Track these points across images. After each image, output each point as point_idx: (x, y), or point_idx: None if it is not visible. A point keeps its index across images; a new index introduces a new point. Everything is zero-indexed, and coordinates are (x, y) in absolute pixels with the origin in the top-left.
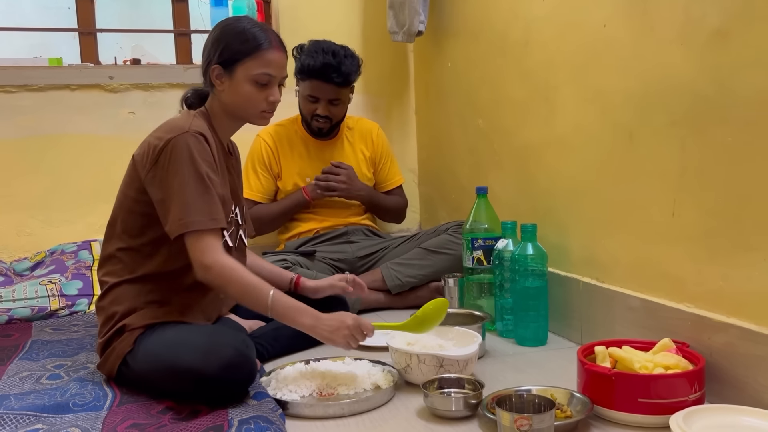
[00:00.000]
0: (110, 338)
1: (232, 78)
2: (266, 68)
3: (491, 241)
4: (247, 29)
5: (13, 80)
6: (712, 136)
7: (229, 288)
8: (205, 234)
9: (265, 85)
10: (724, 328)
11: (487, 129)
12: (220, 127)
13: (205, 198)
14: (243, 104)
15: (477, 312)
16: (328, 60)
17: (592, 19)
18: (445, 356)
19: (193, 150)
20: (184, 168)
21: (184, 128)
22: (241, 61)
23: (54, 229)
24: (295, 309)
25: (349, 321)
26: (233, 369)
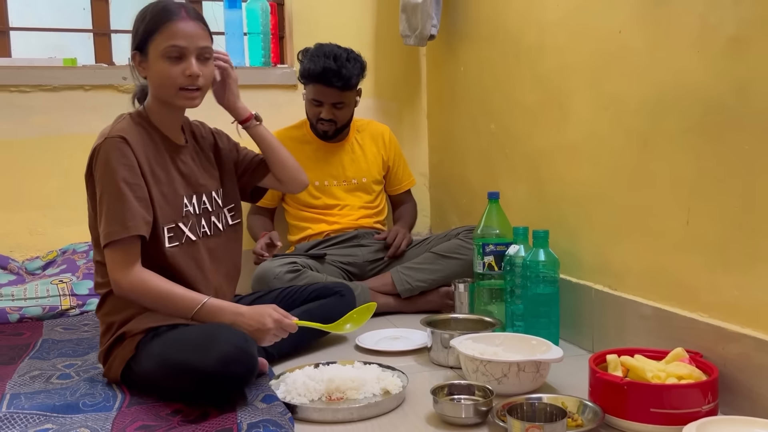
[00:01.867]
0: (111, 346)
1: (148, 60)
2: (173, 40)
3: (502, 247)
4: (154, 6)
5: (28, 80)
6: (727, 144)
7: (145, 301)
8: (118, 246)
9: (178, 58)
10: (739, 338)
11: (500, 134)
12: (160, 119)
13: (118, 206)
14: (161, 84)
15: (487, 318)
16: (329, 64)
17: (607, 25)
18: (543, 360)
19: (110, 157)
20: (104, 178)
21: (105, 134)
22: (151, 40)
23: (66, 228)
24: (218, 309)
25: (269, 324)
26: (232, 364)
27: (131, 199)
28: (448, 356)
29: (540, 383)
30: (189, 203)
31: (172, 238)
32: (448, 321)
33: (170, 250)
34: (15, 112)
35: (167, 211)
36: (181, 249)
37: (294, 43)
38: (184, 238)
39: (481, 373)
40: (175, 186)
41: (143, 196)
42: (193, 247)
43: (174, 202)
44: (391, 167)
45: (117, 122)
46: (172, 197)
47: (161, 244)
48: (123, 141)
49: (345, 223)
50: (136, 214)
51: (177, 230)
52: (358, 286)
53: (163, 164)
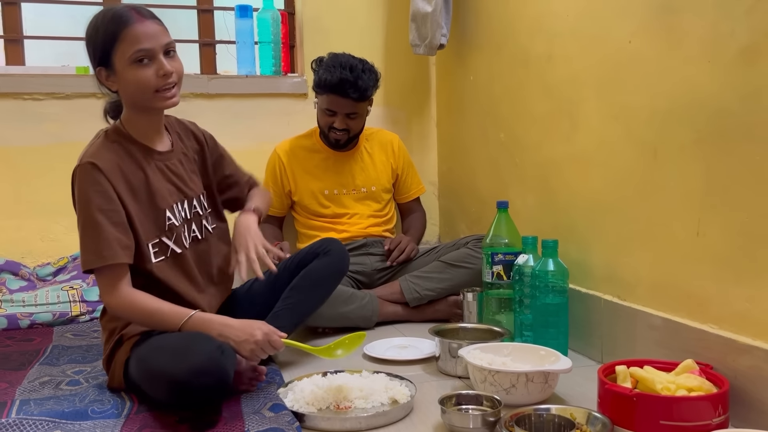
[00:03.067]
0: (112, 351)
1: (115, 73)
2: (137, 44)
3: (511, 256)
4: (103, 18)
5: (41, 88)
6: (739, 155)
7: (135, 319)
8: (100, 272)
9: (146, 62)
10: (750, 350)
11: (509, 143)
12: (139, 129)
13: (93, 235)
14: (137, 92)
15: (496, 327)
16: (345, 75)
17: (617, 35)
18: (552, 370)
19: (83, 185)
20: (79, 206)
21: (81, 159)
22: (113, 51)
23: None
24: (206, 322)
25: (258, 336)
26: (202, 375)
27: (106, 226)
28: (456, 366)
29: (548, 394)
30: (174, 213)
31: (157, 252)
32: (456, 330)
33: (157, 264)
34: (28, 119)
35: (149, 227)
36: (167, 262)
37: (305, 52)
38: (169, 251)
39: (490, 383)
40: (157, 200)
41: (120, 221)
42: (179, 258)
43: (155, 217)
44: (400, 175)
45: (92, 143)
46: (153, 213)
47: (147, 260)
48: (94, 167)
49: (354, 231)
50: (111, 242)
51: (161, 245)
52: (367, 294)
53: (144, 179)
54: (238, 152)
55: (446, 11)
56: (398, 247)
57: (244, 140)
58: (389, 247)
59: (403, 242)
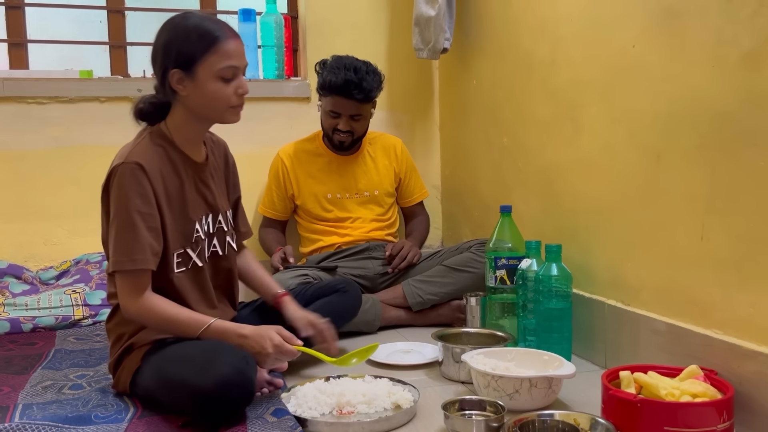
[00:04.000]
0: (120, 356)
1: (194, 79)
2: (229, 60)
3: (515, 261)
4: (198, 25)
5: (45, 92)
6: (742, 160)
7: (151, 325)
8: (126, 275)
9: (230, 78)
10: (754, 356)
11: (512, 147)
12: (185, 137)
13: (129, 237)
14: (212, 103)
15: (499, 332)
16: (350, 77)
17: (620, 39)
18: (555, 376)
19: (125, 184)
20: (117, 204)
21: (123, 156)
22: (201, 59)
23: (80, 238)
24: (222, 332)
25: (269, 348)
26: (230, 387)
27: (142, 229)
28: (459, 371)
29: (552, 399)
30: (202, 226)
31: (180, 263)
32: (459, 335)
33: (177, 275)
34: (32, 123)
35: (178, 237)
36: (187, 274)
37: (308, 56)
38: (191, 263)
39: (493, 388)
40: (188, 211)
41: (155, 226)
42: (198, 271)
43: (185, 228)
44: (403, 179)
45: (136, 142)
46: (183, 223)
47: (170, 269)
48: (139, 168)
49: (356, 235)
50: (146, 247)
51: (185, 256)
52: (369, 298)
53: (179, 188)
54: (241, 156)
55: (449, 15)
56: (400, 254)
57: (247, 144)
58: (390, 253)
59: (405, 248)
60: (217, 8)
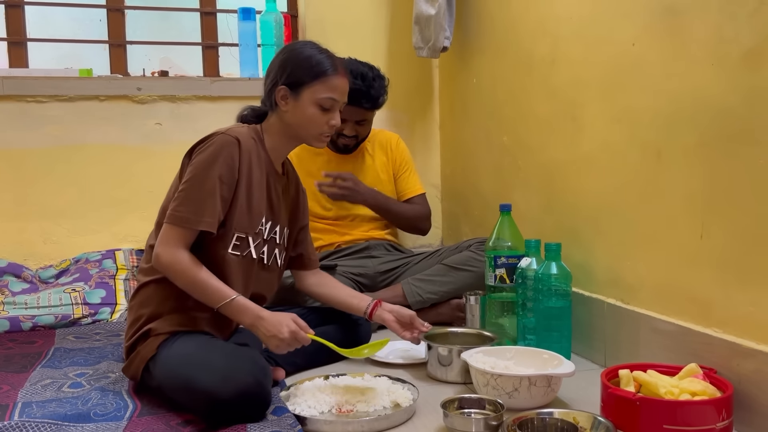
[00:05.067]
0: (135, 342)
1: (297, 100)
2: (332, 93)
3: (514, 260)
4: (315, 55)
5: (45, 90)
6: (743, 158)
7: (178, 281)
8: (180, 227)
9: (328, 109)
10: (754, 354)
11: (512, 146)
12: (273, 145)
13: (203, 197)
14: (305, 125)
15: (486, 332)
16: (358, 85)
17: (621, 37)
18: (555, 374)
19: (218, 151)
20: (201, 165)
21: (222, 131)
22: (308, 85)
23: (79, 237)
24: (243, 309)
25: (285, 333)
26: (249, 397)
27: (218, 195)
28: (447, 372)
29: (551, 398)
30: (265, 226)
31: (237, 246)
32: (446, 335)
33: (230, 256)
34: (31, 121)
35: (244, 220)
36: (239, 260)
37: None
38: (247, 251)
39: (492, 386)
40: (261, 204)
41: (228, 197)
42: (250, 263)
43: (254, 215)
44: (397, 173)
45: (236, 127)
46: (255, 211)
47: (226, 246)
48: (236, 142)
49: (356, 234)
50: (216, 212)
51: (244, 241)
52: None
53: (259, 180)
54: None
55: (449, 14)
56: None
57: None
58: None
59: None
60: (216, 6)
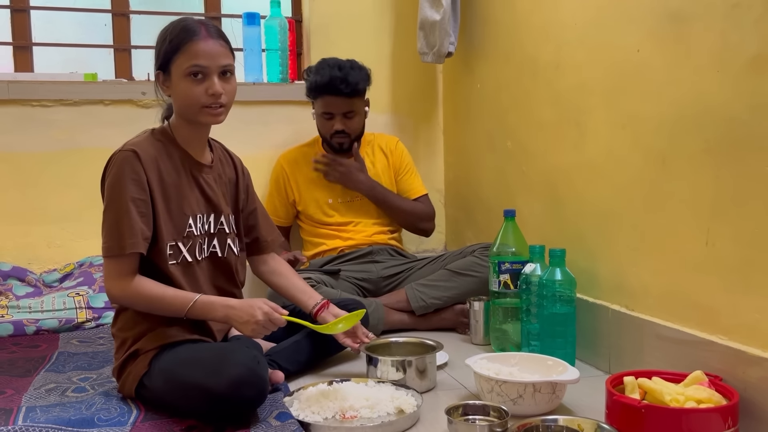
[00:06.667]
0: (124, 362)
1: (171, 79)
2: (195, 59)
3: (518, 265)
4: (173, 27)
5: (49, 94)
6: (748, 164)
7: (138, 307)
8: (114, 260)
9: (200, 78)
10: (760, 362)
11: (516, 151)
12: (184, 137)
13: (121, 222)
14: (185, 103)
15: (428, 341)
16: (335, 73)
17: (626, 43)
18: (559, 381)
19: (120, 171)
20: (111, 191)
21: (122, 147)
22: (173, 60)
23: (84, 241)
24: (209, 306)
25: (258, 316)
26: (243, 387)
27: (134, 215)
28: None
29: (556, 404)
30: (197, 223)
31: (171, 255)
32: (388, 345)
33: (171, 267)
34: (36, 125)
35: (170, 229)
36: (179, 268)
37: (312, 59)
38: (181, 258)
39: (497, 393)
40: (183, 206)
41: (146, 212)
42: (188, 266)
43: (178, 221)
44: (398, 176)
45: (136, 137)
46: (177, 216)
47: (164, 260)
48: (135, 155)
49: (359, 239)
50: (136, 231)
51: (176, 249)
52: (372, 302)
53: (176, 181)
54: (245, 159)
55: (454, 19)
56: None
57: (251, 147)
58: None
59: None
60: (221, 11)
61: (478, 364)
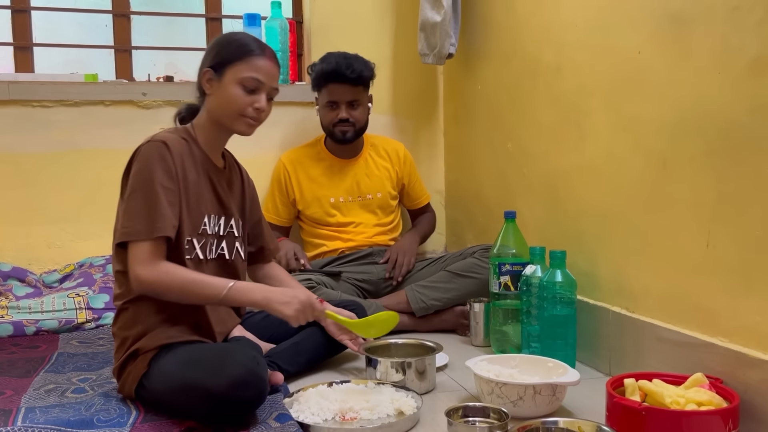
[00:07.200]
0: (125, 362)
1: (221, 81)
2: (255, 72)
3: (519, 267)
4: (241, 38)
5: (50, 95)
6: (748, 167)
7: (169, 293)
8: (144, 243)
9: (253, 91)
10: (760, 364)
11: (517, 153)
12: (206, 139)
13: (149, 207)
14: (227, 105)
15: (428, 342)
16: (340, 61)
17: (626, 45)
18: (560, 383)
19: (151, 159)
20: (140, 177)
21: (149, 139)
22: (231, 64)
23: (84, 242)
24: (248, 289)
25: (302, 296)
26: (242, 387)
27: (164, 201)
28: None
29: (556, 406)
30: (210, 223)
31: (187, 250)
32: (387, 346)
33: (187, 261)
34: (37, 126)
35: (188, 224)
36: (191, 263)
37: (312, 60)
38: (194, 254)
39: (497, 395)
40: (200, 203)
41: (175, 202)
42: (199, 264)
43: (195, 218)
44: (407, 184)
45: (162, 131)
46: (194, 213)
47: (181, 252)
48: (166, 147)
49: (360, 240)
50: (167, 217)
51: (191, 244)
52: (373, 303)
53: (195, 180)
54: (245, 161)
55: (455, 21)
56: (396, 265)
57: (251, 148)
58: (388, 270)
59: (399, 257)
60: (222, 12)
61: (478, 365)
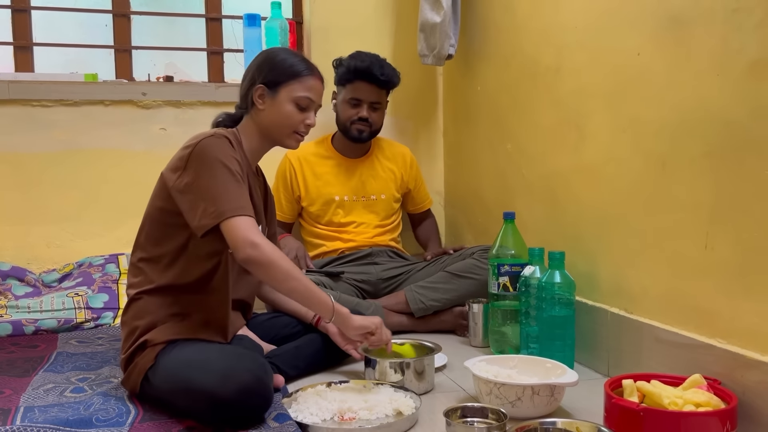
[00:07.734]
0: (132, 353)
1: (274, 98)
2: (308, 92)
3: (518, 268)
4: (292, 57)
5: (50, 95)
6: (748, 169)
7: (273, 269)
8: (241, 218)
9: (304, 108)
10: (758, 365)
11: (516, 154)
12: (249, 147)
13: (236, 188)
14: (281, 122)
15: (427, 342)
16: (374, 61)
17: (626, 47)
18: (558, 384)
19: (219, 149)
20: (212, 166)
21: (209, 133)
22: (286, 83)
23: (83, 242)
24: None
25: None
26: (249, 394)
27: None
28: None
29: (554, 407)
30: None
31: None
32: None
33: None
34: (36, 126)
35: None
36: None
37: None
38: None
39: (495, 395)
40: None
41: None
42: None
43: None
44: (413, 189)
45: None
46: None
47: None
48: (228, 141)
49: (360, 240)
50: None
51: None
52: (372, 304)
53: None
54: None
55: (455, 22)
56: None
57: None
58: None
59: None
60: (222, 12)
61: (477, 366)
